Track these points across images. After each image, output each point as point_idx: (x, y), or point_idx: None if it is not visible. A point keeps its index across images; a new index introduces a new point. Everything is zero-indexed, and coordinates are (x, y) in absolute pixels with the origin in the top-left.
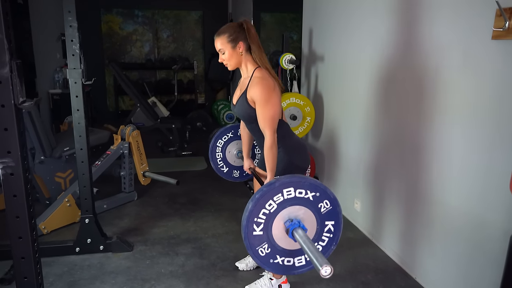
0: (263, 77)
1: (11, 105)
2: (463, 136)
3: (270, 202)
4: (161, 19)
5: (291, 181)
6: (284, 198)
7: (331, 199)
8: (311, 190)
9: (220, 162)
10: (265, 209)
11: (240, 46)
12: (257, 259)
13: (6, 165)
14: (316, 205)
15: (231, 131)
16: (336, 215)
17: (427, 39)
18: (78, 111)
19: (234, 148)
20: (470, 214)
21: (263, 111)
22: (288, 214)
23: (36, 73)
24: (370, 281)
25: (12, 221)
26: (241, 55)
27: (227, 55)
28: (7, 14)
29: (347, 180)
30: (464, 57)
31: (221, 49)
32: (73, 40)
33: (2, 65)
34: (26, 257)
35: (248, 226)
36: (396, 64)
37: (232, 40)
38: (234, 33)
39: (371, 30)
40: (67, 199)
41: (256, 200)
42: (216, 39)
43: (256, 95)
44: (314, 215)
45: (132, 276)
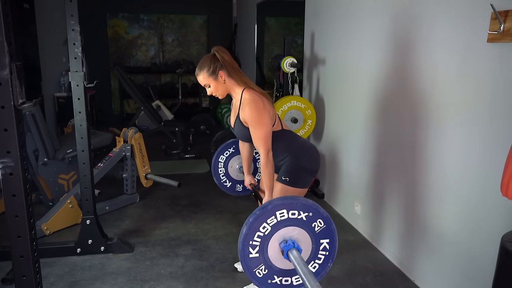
0: (251, 98)
1: (11, 106)
2: (460, 139)
3: (264, 224)
4: (166, 23)
5: (283, 203)
6: (278, 220)
7: (324, 218)
8: (303, 210)
9: (223, 177)
10: (260, 232)
11: (221, 75)
12: (255, 280)
13: (5, 165)
14: (310, 225)
15: (232, 146)
16: (331, 233)
17: (424, 41)
18: (80, 114)
19: (236, 163)
20: (468, 217)
21: (255, 131)
22: (282, 235)
23: (42, 77)
24: (368, 284)
25: (11, 221)
26: (224, 83)
27: (212, 88)
28: (7, 16)
29: (348, 183)
30: (461, 59)
31: (205, 84)
32: (76, 44)
33: (2, 67)
34: (25, 256)
35: (244, 249)
36: (395, 66)
37: (212, 73)
38: (211, 65)
39: (370, 33)
40: (69, 201)
41: (250, 223)
42: (198, 76)
43: (247, 117)
44: (309, 235)
45: (132, 277)
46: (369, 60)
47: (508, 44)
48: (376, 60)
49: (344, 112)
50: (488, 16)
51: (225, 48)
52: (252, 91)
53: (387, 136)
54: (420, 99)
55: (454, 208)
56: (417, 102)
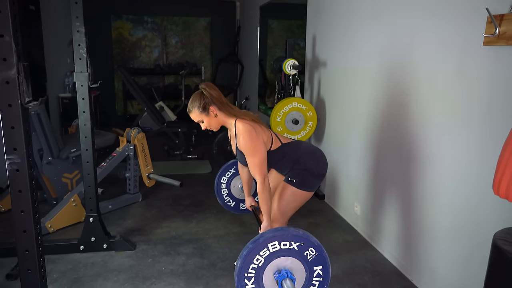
0: (244, 129)
1: (18, 105)
2: (456, 140)
3: (258, 257)
4: (170, 26)
5: (274, 236)
6: (270, 252)
7: (316, 246)
8: (294, 241)
9: (226, 198)
10: (254, 264)
11: (212, 110)
12: None
13: (12, 161)
14: (302, 254)
15: (233, 167)
16: (323, 260)
17: (423, 44)
18: (84, 113)
19: (238, 182)
20: (463, 218)
21: (250, 160)
22: (276, 265)
23: (47, 78)
24: (366, 283)
25: (17, 215)
26: (216, 117)
27: (206, 123)
28: (15, 18)
29: (348, 184)
30: (458, 62)
31: (199, 120)
32: (80, 45)
33: (10, 66)
34: (30, 250)
35: (240, 282)
36: (394, 68)
37: (203, 110)
38: (201, 103)
39: (369, 35)
40: (73, 199)
41: (244, 257)
42: (190, 114)
43: (241, 147)
44: (302, 263)
45: (134, 274)
46: (367, 63)
47: (503, 47)
48: (374, 63)
49: (344, 114)
50: (485, 20)
51: (213, 84)
52: (244, 120)
53: (385, 138)
54: (418, 102)
55: (450, 210)
56: (415, 105)
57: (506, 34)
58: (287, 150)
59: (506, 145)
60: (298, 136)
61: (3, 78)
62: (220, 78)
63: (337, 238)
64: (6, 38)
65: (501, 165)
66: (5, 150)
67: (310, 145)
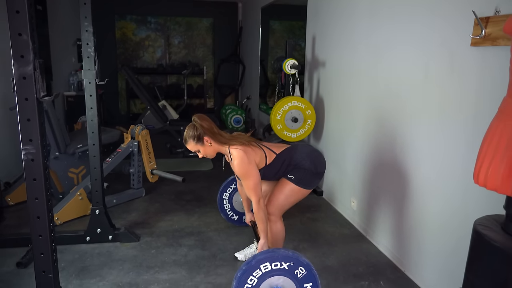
0: (236, 155)
1: (34, 99)
2: (446, 138)
3: (251, 277)
4: (173, 26)
5: (265, 257)
6: (263, 272)
7: (305, 265)
8: (285, 261)
9: (229, 212)
10: (248, 284)
11: (206, 140)
12: None
13: (27, 152)
14: (293, 272)
15: (233, 183)
16: (313, 277)
17: (416, 46)
18: (91, 109)
19: (240, 197)
20: (452, 212)
21: (245, 183)
22: (269, 284)
23: (53, 76)
24: (361, 273)
25: (31, 203)
26: (211, 145)
27: (202, 152)
28: (32, 18)
29: (345, 180)
30: (448, 62)
31: (195, 150)
32: (89, 44)
33: (27, 63)
34: (43, 235)
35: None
36: (388, 69)
37: (198, 140)
38: (194, 134)
39: (364, 36)
40: (79, 193)
41: (238, 278)
42: (187, 146)
43: (237, 172)
44: (293, 281)
45: (138, 264)
46: (362, 63)
47: (489, 48)
48: (369, 64)
49: (341, 113)
50: (473, 22)
51: (204, 115)
52: (235, 146)
53: (380, 136)
54: (411, 101)
55: (439, 203)
56: (407, 104)
57: (491, 36)
58: (283, 158)
59: (485, 138)
60: (297, 134)
61: (20, 73)
62: (222, 78)
63: (334, 231)
64: (24, 37)
65: (480, 156)
66: (21, 141)
67: (306, 146)
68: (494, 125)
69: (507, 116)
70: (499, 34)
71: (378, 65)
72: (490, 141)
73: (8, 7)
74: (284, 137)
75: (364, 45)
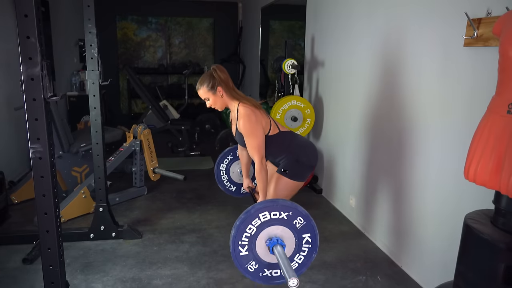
0: (245, 112)
1: (41, 99)
2: (441, 135)
3: (250, 226)
4: (173, 26)
5: (265, 206)
6: (262, 221)
7: (304, 215)
8: (283, 211)
9: (227, 183)
10: (247, 233)
11: (219, 90)
12: (247, 275)
13: (35, 150)
14: (291, 222)
15: (230, 154)
16: (311, 228)
17: (411, 46)
18: (95, 109)
19: (237, 168)
20: (449, 207)
21: (249, 141)
22: (267, 233)
23: (55, 76)
24: (359, 269)
25: (39, 199)
26: (222, 97)
27: (211, 101)
28: (40, 21)
29: (344, 178)
30: (442, 62)
31: (205, 97)
32: (92, 45)
33: (35, 64)
34: (50, 230)
35: (234, 249)
36: (385, 68)
37: (211, 88)
38: (210, 82)
39: (362, 36)
40: (82, 191)
41: (237, 226)
42: (198, 91)
43: (242, 129)
44: (291, 231)
45: (141, 260)
46: (361, 63)
47: (481, 48)
48: (367, 63)
49: (340, 112)
50: (465, 23)
51: (223, 67)
52: (246, 105)
53: (378, 133)
54: (407, 100)
55: (436, 200)
56: (403, 104)
57: (483, 36)
58: (283, 138)
59: (474, 135)
60: (297, 133)
61: (28, 75)
62: None
63: (333, 228)
64: (32, 39)
65: (470, 152)
66: (29, 139)
67: (304, 138)
68: (483, 122)
69: (495, 114)
70: (490, 35)
71: (374, 65)
72: (480, 138)
73: (17, 11)
74: None
75: (362, 45)
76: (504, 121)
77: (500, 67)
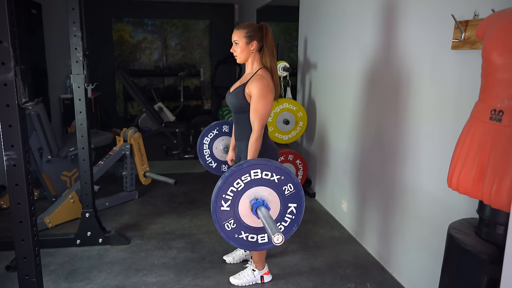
0: (265, 76)
1: (15, 105)
2: (432, 140)
3: (238, 181)
4: (169, 28)
5: (258, 163)
6: (251, 179)
7: (295, 183)
8: (276, 173)
9: (208, 158)
10: (233, 187)
11: (253, 44)
12: (223, 233)
13: (9, 157)
14: (281, 188)
15: (216, 128)
16: (299, 198)
17: (401, 49)
18: (80, 113)
19: (221, 144)
20: (439, 212)
21: (257, 105)
22: (254, 193)
23: (49, 79)
24: (348, 275)
25: (14, 207)
26: (252, 52)
27: (239, 48)
28: (13, 25)
29: (336, 182)
30: (431, 65)
31: (236, 40)
32: (77, 48)
33: (8, 70)
34: (26, 239)
35: (216, 202)
36: (376, 71)
37: (249, 37)
38: (252, 31)
39: (353, 39)
40: (71, 196)
41: (225, 178)
42: (235, 31)
43: (255, 89)
44: (278, 197)
45: (127, 266)
46: (353, 65)
47: (468, 51)
48: (359, 66)
49: (332, 115)
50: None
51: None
52: (269, 74)
53: (369, 137)
54: (398, 104)
55: (427, 206)
56: (394, 107)
57: (470, 39)
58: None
59: (458, 142)
60: (289, 136)
61: (1, 80)
62: (219, 79)
63: (324, 233)
64: (5, 44)
65: (453, 160)
66: (3, 146)
67: (272, 142)
68: (466, 128)
69: (478, 120)
70: (477, 38)
71: (366, 67)
72: (462, 144)
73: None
74: (275, 139)
75: (353, 47)
76: (486, 127)
77: (483, 72)
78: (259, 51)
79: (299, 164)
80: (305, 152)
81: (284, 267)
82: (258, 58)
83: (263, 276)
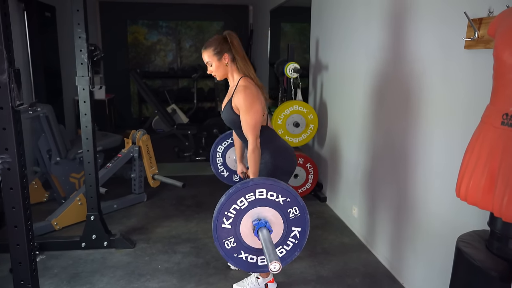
0: (247, 86)
1: (9, 108)
2: (447, 145)
3: (242, 199)
4: (184, 30)
5: (264, 183)
6: (256, 198)
7: (301, 206)
8: (282, 194)
9: (220, 167)
10: (236, 205)
11: (225, 57)
12: (222, 251)
13: (4, 161)
14: (286, 210)
15: (230, 137)
16: (304, 222)
17: (412, 50)
18: (85, 115)
19: (234, 154)
20: (453, 222)
21: (246, 118)
22: (257, 213)
23: (62, 81)
24: (356, 285)
25: (8, 211)
26: (227, 66)
27: (214, 67)
28: (7, 28)
29: (347, 187)
30: (443, 66)
31: (209, 61)
32: (82, 50)
33: (1, 72)
34: (21, 244)
35: (218, 218)
36: (386, 74)
37: (218, 53)
38: (218, 46)
39: (364, 41)
40: (78, 198)
41: (229, 195)
42: (203, 52)
43: (239, 102)
44: (282, 219)
45: (130, 271)
46: (363, 67)
47: (481, 51)
48: (370, 68)
49: (343, 119)
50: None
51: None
52: (249, 80)
53: (380, 141)
54: (409, 107)
55: (439, 214)
56: (406, 110)
57: (484, 38)
58: (268, 133)
59: (467, 149)
60: (299, 139)
61: None
62: None
63: (333, 239)
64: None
65: (462, 168)
66: None
67: (285, 142)
68: (475, 134)
69: (488, 125)
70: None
71: (376, 70)
72: (472, 151)
73: None
74: None
75: (364, 49)
76: (497, 133)
77: (494, 73)
78: (233, 62)
79: (309, 168)
80: (316, 155)
81: (290, 275)
82: (236, 68)
83: (267, 284)
